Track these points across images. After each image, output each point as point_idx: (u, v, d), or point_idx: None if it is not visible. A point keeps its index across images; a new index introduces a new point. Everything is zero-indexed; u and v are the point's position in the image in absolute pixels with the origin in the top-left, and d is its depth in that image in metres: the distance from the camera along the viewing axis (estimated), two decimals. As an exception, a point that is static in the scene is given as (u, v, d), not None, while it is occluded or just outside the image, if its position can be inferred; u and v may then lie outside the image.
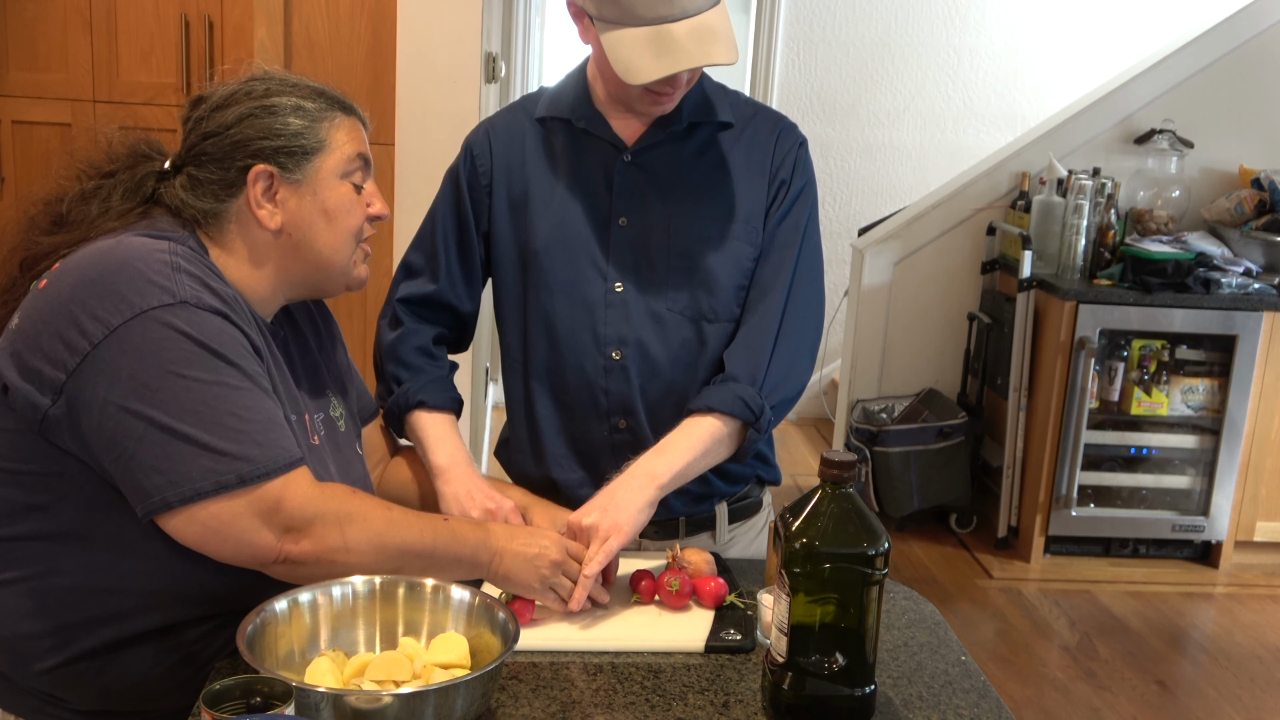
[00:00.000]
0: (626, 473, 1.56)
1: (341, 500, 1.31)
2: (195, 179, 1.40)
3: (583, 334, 1.65)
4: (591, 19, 1.55)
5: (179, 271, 1.28)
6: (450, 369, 1.76)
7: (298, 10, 2.87)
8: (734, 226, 1.65)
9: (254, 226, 1.40)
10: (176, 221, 1.40)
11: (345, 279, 1.48)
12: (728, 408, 1.59)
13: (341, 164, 1.43)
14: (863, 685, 1.27)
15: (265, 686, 1.07)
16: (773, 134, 1.69)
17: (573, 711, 1.28)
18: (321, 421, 1.50)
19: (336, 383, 1.59)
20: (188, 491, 1.23)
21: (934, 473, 4.28)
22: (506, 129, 1.72)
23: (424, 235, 1.75)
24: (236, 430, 1.25)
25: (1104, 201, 4.14)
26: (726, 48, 1.52)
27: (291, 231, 1.41)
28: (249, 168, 1.38)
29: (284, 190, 1.40)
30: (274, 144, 1.39)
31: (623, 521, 1.50)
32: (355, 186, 1.45)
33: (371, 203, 1.47)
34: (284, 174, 1.39)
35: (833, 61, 5.57)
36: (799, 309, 1.66)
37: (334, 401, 1.56)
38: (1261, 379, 4.08)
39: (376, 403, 1.73)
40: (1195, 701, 3.32)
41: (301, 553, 1.28)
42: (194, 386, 1.24)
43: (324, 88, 1.47)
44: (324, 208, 1.42)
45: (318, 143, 1.41)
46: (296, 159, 1.40)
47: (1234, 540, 4.21)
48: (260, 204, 1.39)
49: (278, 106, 1.40)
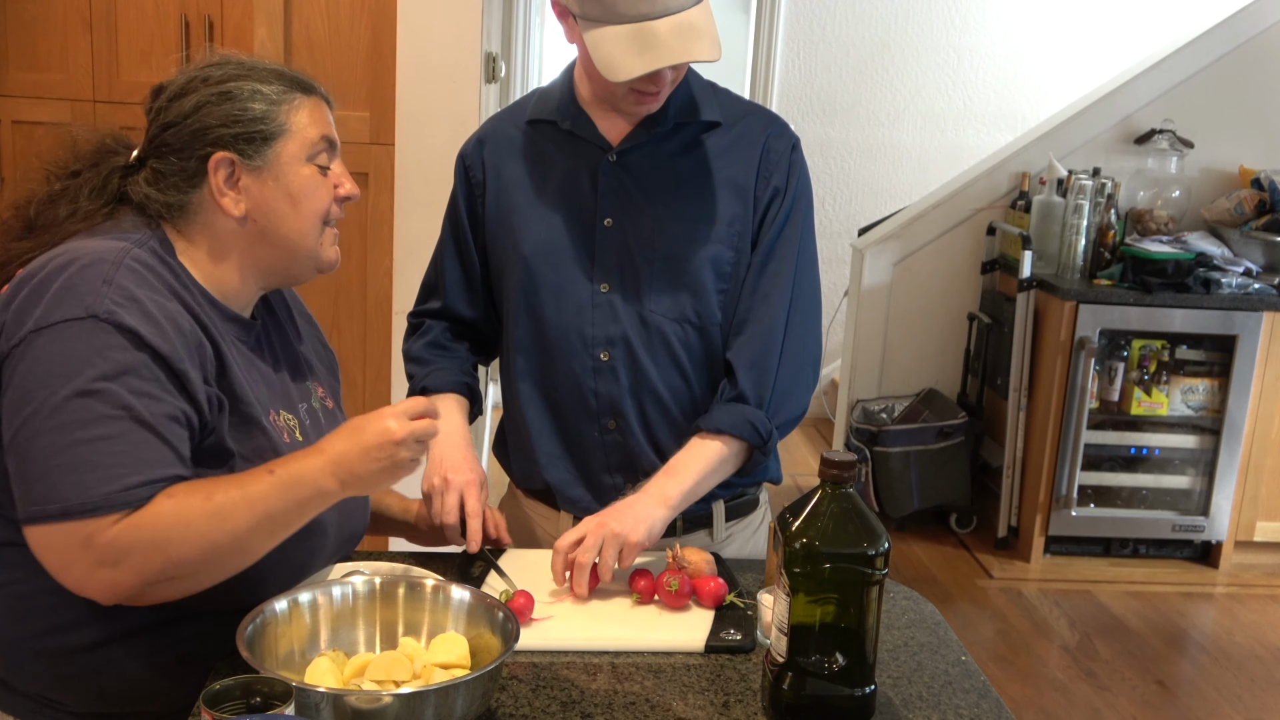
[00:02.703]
0: (641, 491, 1.58)
1: (154, 521, 1.23)
2: (158, 172, 1.38)
3: (571, 336, 1.66)
4: (575, 18, 1.55)
5: (109, 284, 1.26)
6: (466, 356, 1.79)
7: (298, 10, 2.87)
8: (715, 229, 1.64)
9: (219, 216, 1.38)
10: (143, 219, 1.38)
11: (315, 262, 1.45)
12: (737, 431, 1.61)
13: (305, 147, 1.40)
14: (863, 685, 1.27)
15: (265, 686, 1.07)
16: (762, 135, 1.67)
17: (573, 711, 1.28)
18: (305, 412, 1.49)
19: (313, 369, 1.58)
20: (27, 512, 1.23)
21: (934, 473, 4.28)
22: (497, 136, 1.74)
23: (435, 251, 1.80)
24: (75, 462, 1.22)
25: (1104, 201, 4.14)
26: (709, 45, 1.51)
27: (257, 218, 1.39)
28: (209, 156, 1.36)
29: (246, 177, 1.38)
30: (233, 131, 1.36)
31: (637, 533, 1.52)
32: (320, 169, 1.42)
33: (340, 184, 1.44)
34: (245, 161, 1.37)
35: (833, 61, 5.57)
36: (800, 324, 1.67)
37: (313, 388, 1.54)
38: (1261, 379, 4.08)
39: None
40: (1195, 701, 3.32)
41: (130, 585, 1.24)
42: (59, 408, 1.22)
43: (284, 69, 1.43)
44: (288, 192, 1.39)
45: (278, 127, 1.38)
46: (257, 145, 1.37)
47: (1234, 540, 4.21)
48: (223, 192, 1.37)
49: (235, 92, 1.37)
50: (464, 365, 1.78)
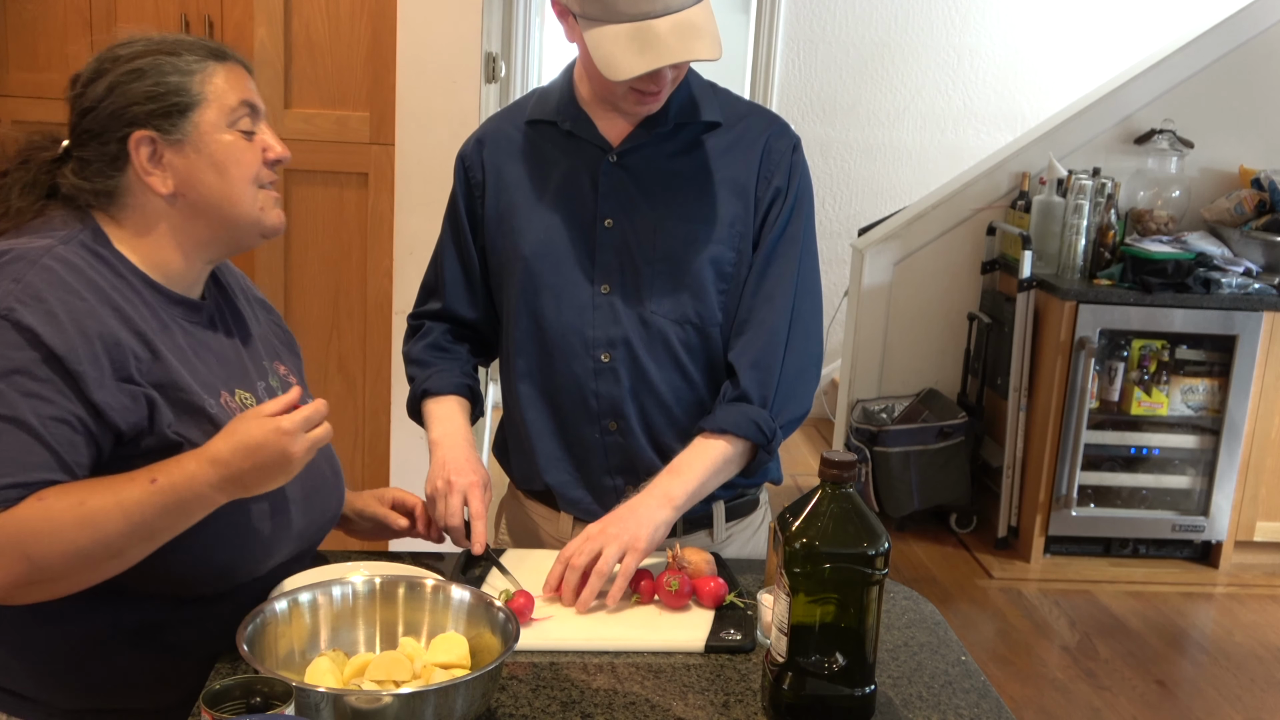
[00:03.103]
0: (643, 493, 1.58)
1: (18, 525, 1.21)
2: (83, 160, 1.37)
3: (572, 337, 1.66)
4: (575, 17, 1.55)
5: (18, 282, 1.25)
6: (466, 358, 1.79)
7: (298, 10, 2.87)
8: (717, 230, 1.64)
9: (149, 196, 1.37)
10: (75, 213, 1.37)
11: (257, 228, 1.43)
12: (741, 431, 1.61)
13: (224, 114, 1.38)
14: (863, 685, 1.27)
15: (265, 686, 1.07)
16: (763, 135, 1.67)
17: (573, 711, 1.28)
18: (264, 390, 1.48)
19: (274, 348, 1.57)
20: None
21: (934, 473, 4.28)
22: (496, 137, 1.73)
23: (434, 252, 1.80)
24: None
25: (1104, 201, 4.14)
26: (710, 44, 1.51)
27: (185, 192, 1.38)
28: (129, 136, 1.35)
29: (169, 152, 1.36)
30: (148, 107, 1.35)
31: (641, 536, 1.51)
32: (244, 134, 1.40)
33: (268, 147, 1.42)
34: (165, 136, 1.36)
35: (833, 61, 5.57)
36: (803, 325, 1.67)
37: (273, 367, 1.53)
38: (1261, 379, 4.08)
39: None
40: (1195, 701, 3.32)
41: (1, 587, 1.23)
42: None
43: (195, 39, 1.42)
44: (212, 161, 1.37)
45: (193, 97, 1.36)
46: (174, 118, 1.35)
47: (1234, 540, 4.21)
48: (149, 171, 1.36)
49: (145, 68, 1.36)
50: (465, 367, 1.78)
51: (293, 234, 2.97)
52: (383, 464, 3.08)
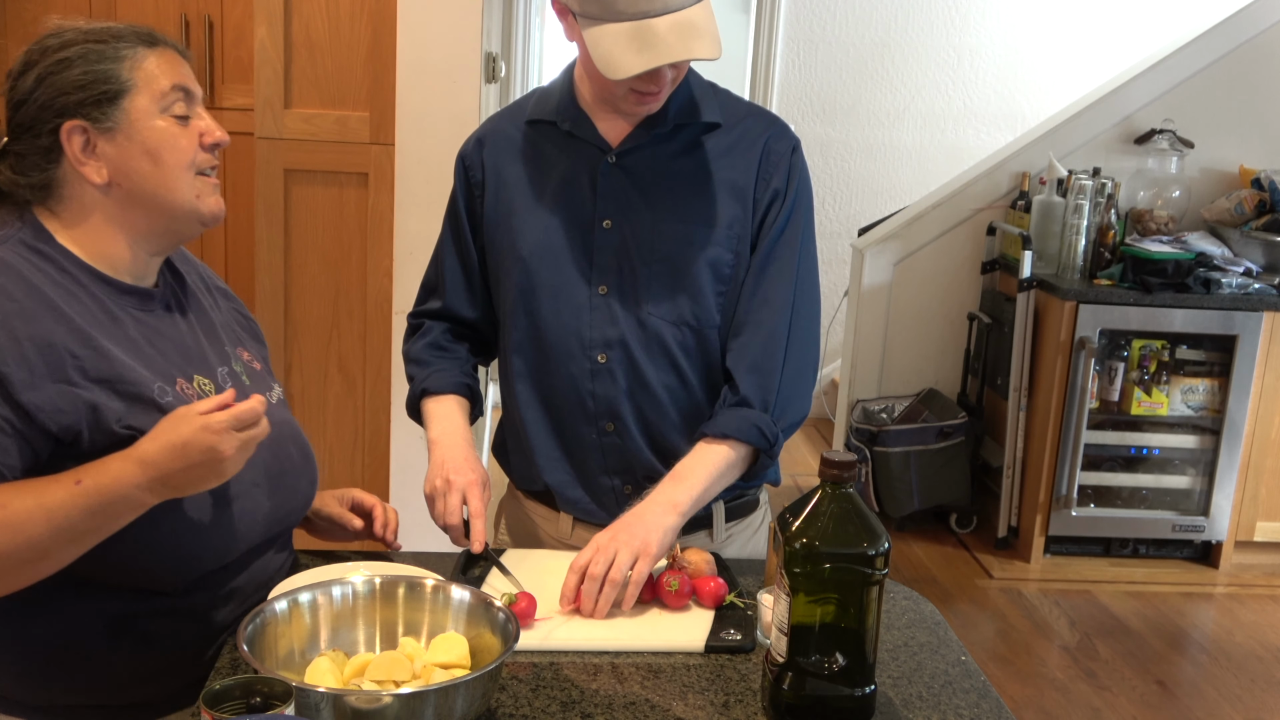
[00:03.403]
0: (648, 500, 1.57)
1: None
2: (18, 155, 1.36)
3: (569, 338, 1.65)
4: (575, 15, 1.54)
5: None
6: (466, 357, 1.79)
7: (298, 10, 2.87)
8: (716, 232, 1.63)
9: (85, 187, 1.36)
10: (13, 210, 1.36)
11: (196, 215, 1.41)
12: (743, 436, 1.60)
13: (155, 99, 1.36)
14: (863, 685, 1.27)
15: (265, 686, 1.07)
16: (762, 137, 1.67)
17: (572, 711, 1.28)
18: (226, 375, 1.46)
19: (237, 335, 1.56)
20: None
21: (934, 473, 4.28)
22: (495, 136, 1.73)
23: (435, 251, 1.80)
24: None
25: (1104, 201, 4.14)
26: (709, 43, 1.51)
27: (121, 181, 1.36)
28: (60, 127, 1.34)
29: (101, 141, 1.35)
30: (77, 97, 1.33)
31: (651, 542, 1.51)
32: (178, 119, 1.38)
33: (205, 131, 1.40)
34: (96, 125, 1.34)
35: (833, 61, 5.57)
36: (801, 328, 1.66)
37: (235, 353, 1.52)
38: (1261, 379, 4.08)
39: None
40: (1195, 701, 3.32)
41: None
42: None
43: (124, 27, 1.39)
44: (145, 149, 1.36)
45: (122, 84, 1.35)
46: (104, 107, 1.34)
47: (1234, 540, 4.21)
48: (82, 161, 1.35)
49: (72, 58, 1.34)
50: (464, 366, 1.78)
51: (293, 234, 2.97)
52: (383, 464, 3.08)
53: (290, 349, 3.02)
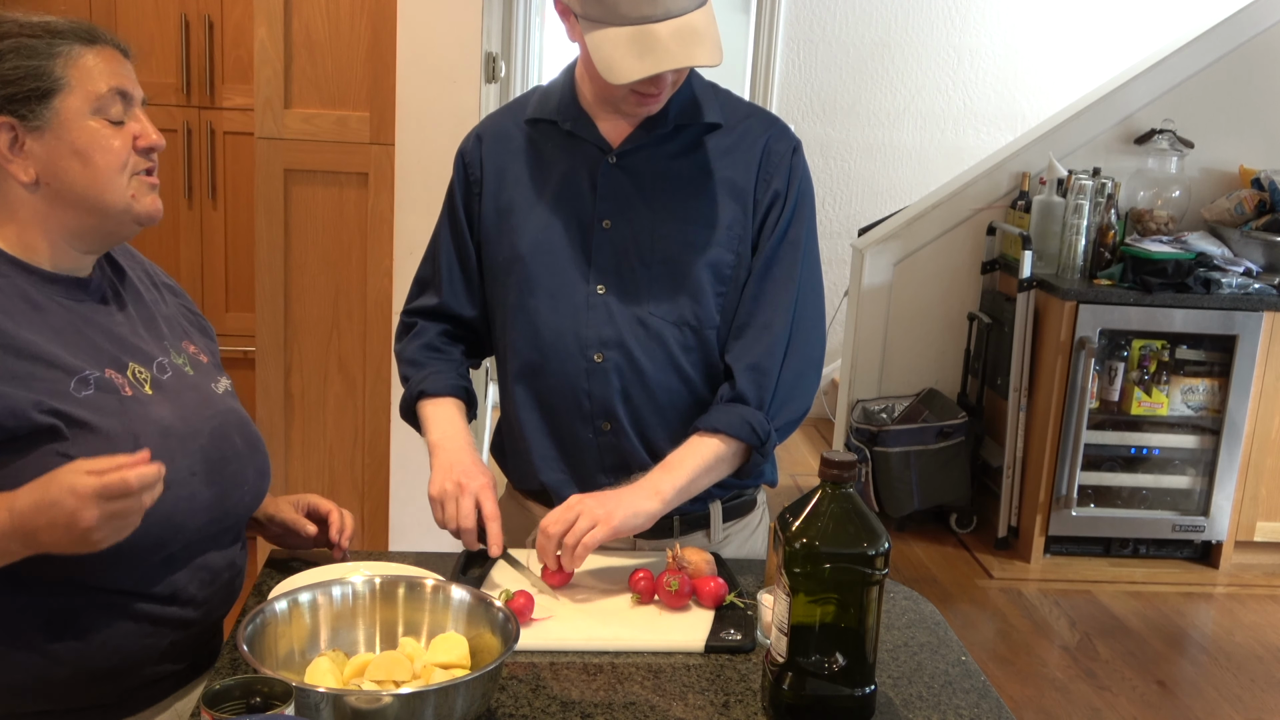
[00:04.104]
0: (635, 484, 1.58)
1: None
2: None
3: (565, 337, 1.65)
4: (577, 17, 1.54)
5: None
6: (460, 359, 1.78)
7: (298, 10, 2.87)
8: (716, 233, 1.63)
9: (12, 184, 1.34)
10: None
11: (130, 216, 1.38)
12: (734, 431, 1.60)
13: (88, 101, 1.33)
14: (863, 685, 1.27)
15: (265, 686, 1.07)
16: (763, 138, 1.66)
17: (573, 711, 1.28)
18: (166, 365, 1.43)
19: (182, 330, 1.54)
20: None
21: (934, 473, 4.28)
22: (495, 134, 1.73)
23: (430, 247, 1.79)
24: None
25: (1104, 201, 4.14)
26: (710, 49, 1.51)
27: (49, 181, 1.33)
28: None
29: (29, 139, 1.31)
30: (4, 93, 1.30)
31: (613, 511, 1.51)
32: (111, 122, 1.35)
33: (140, 135, 1.37)
34: (24, 122, 1.31)
35: (833, 61, 5.57)
36: (804, 328, 1.66)
37: (179, 346, 1.50)
38: (1261, 379, 4.08)
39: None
40: (1195, 701, 3.32)
41: None
42: None
43: (67, 22, 1.35)
44: (74, 149, 1.32)
45: (54, 82, 1.31)
46: (33, 104, 1.30)
47: (1234, 540, 4.21)
48: (9, 159, 1.32)
49: (4, 51, 1.30)
50: (459, 369, 1.77)
51: (293, 234, 2.96)
52: (383, 464, 3.08)
53: (290, 349, 3.02)
